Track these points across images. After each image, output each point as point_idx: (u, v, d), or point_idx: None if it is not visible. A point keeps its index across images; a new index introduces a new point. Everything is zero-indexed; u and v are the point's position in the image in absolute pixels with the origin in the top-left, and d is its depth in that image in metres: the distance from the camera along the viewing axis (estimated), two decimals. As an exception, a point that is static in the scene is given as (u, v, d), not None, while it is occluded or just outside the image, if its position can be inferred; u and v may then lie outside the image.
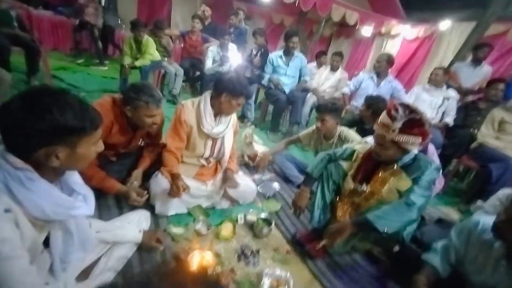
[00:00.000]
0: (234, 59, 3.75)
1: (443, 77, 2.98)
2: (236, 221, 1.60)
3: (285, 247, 1.52)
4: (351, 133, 2.03)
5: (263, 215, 1.63)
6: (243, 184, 1.76)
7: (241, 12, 4.76)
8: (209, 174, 1.73)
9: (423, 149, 1.88)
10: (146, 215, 1.36)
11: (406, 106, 1.20)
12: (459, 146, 2.74)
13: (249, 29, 4.86)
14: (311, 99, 3.64)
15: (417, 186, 1.23)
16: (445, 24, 4.88)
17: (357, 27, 5.54)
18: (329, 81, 3.83)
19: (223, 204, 1.74)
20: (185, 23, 5.27)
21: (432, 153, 1.97)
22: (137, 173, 1.54)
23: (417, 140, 1.18)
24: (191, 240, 1.39)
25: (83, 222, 0.86)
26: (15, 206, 0.64)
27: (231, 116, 1.68)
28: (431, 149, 1.98)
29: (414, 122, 1.17)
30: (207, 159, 1.72)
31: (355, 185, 1.39)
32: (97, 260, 1.07)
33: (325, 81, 3.86)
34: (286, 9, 6.07)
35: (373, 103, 2.21)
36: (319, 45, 6.88)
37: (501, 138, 2.41)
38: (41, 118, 0.62)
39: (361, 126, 2.46)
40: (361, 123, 2.45)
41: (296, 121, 3.42)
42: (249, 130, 2.57)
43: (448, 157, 2.77)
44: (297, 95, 3.41)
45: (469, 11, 4.59)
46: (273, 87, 3.41)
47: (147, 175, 1.58)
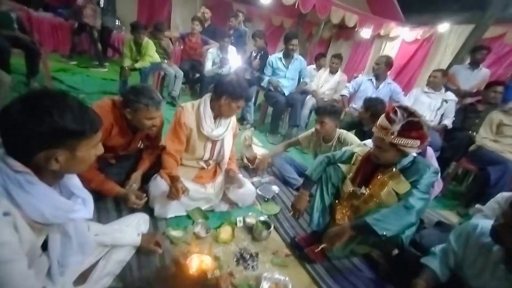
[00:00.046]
0: (233, 61, 3.76)
1: (441, 79, 2.99)
2: (235, 224, 1.60)
3: (284, 251, 1.52)
4: (350, 136, 2.03)
5: (262, 218, 1.63)
6: (242, 186, 1.76)
7: (241, 14, 4.78)
8: (208, 177, 1.73)
9: (421, 152, 1.89)
10: (145, 218, 1.36)
11: (404, 109, 1.21)
12: (458, 148, 2.74)
13: (248, 31, 4.87)
14: (310, 101, 3.65)
15: (415, 189, 1.23)
16: (443, 26, 4.91)
17: (356, 29, 5.56)
18: (328, 83, 3.85)
19: (222, 206, 1.74)
20: (185, 25, 5.28)
21: (430, 155, 1.97)
22: (136, 176, 1.54)
23: (415, 143, 1.18)
24: (190, 243, 1.39)
25: (81, 225, 0.86)
26: (14, 209, 0.63)
27: (231, 118, 1.69)
28: (430, 152, 1.98)
29: (412, 125, 1.17)
30: (206, 161, 1.72)
31: (354, 188, 1.39)
32: (95, 263, 1.07)
33: (324, 83, 3.87)
34: (285, 11, 6.09)
35: (372, 106, 2.22)
36: (318, 47, 6.90)
37: (500, 140, 2.41)
38: (41, 121, 0.62)
39: (360, 128, 2.47)
40: (360, 125, 2.46)
41: (295, 123, 3.43)
42: (248, 132, 2.57)
43: (447, 160, 2.77)
44: (296, 97, 3.41)
45: (467, 13, 4.61)
46: (272, 89, 3.41)
47: (146, 178, 1.58)
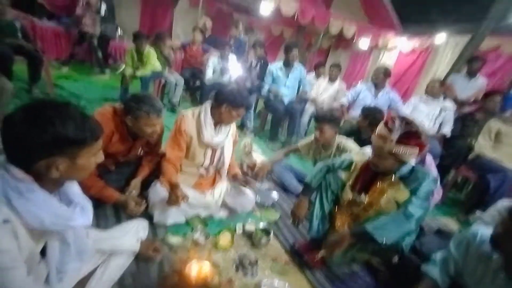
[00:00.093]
0: (234, 69, 3.81)
1: (439, 88, 3.03)
2: (234, 230, 1.60)
3: (283, 257, 1.51)
4: (350, 143, 2.05)
5: (261, 225, 1.62)
6: (241, 193, 1.76)
7: (241, 23, 4.88)
8: (208, 184, 1.73)
9: (421, 159, 1.90)
10: (144, 224, 1.36)
11: (402, 118, 1.23)
12: (457, 156, 2.75)
13: (248, 40, 4.96)
14: (310, 109, 3.69)
15: (415, 197, 1.23)
16: (440, 37, 5.00)
17: (355, 40, 5.67)
18: (327, 92, 3.89)
19: (222, 213, 1.74)
20: (186, 35, 5.36)
21: (430, 163, 1.98)
22: (136, 182, 1.54)
23: (414, 151, 1.20)
24: (189, 250, 1.38)
25: (80, 232, 0.86)
26: (13, 216, 0.64)
27: (231, 125, 1.70)
28: (429, 159, 1.99)
29: (410, 133, 1.19)
30: (206, 168, 1.73)
31: (354, 196, 1.40)
32: (94, 270, 1.06)
33: (324, 91, 3.91)
34: (285, 21, 6.22)
35: (370, 114, 2.24)
36: (317, 56, 7.00)
37: (498, 149, 2.43)
38: (43, 130, 0.63)
39: (358, 136, 2.48)
40: (358, 133, 2.47)
41: (294, 132, 3.45)
42: (248, 139, 2.59)
43: (446, 168, 2.78)
44: (296, 107, 3.45)
45: (463, 24, 4.71)
46: (272, 97, 3.45)
47: (146, 184, 1.58)
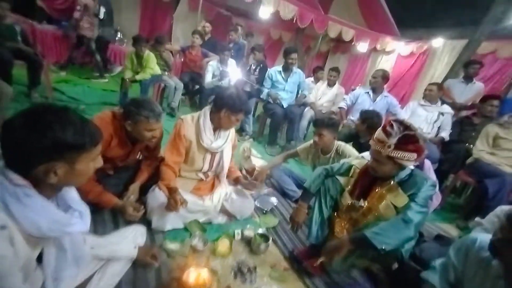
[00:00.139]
0: (233, 74, 3.82)
1: (437, 92, 3.05)
2: (233, 236, 1.58)
3: (282, 264, 1.50)
4: (348, 148, 2.05)
5: (260, 231, 1.61)
6: (240, 198, 1.76)
7: (240, 28, 4.91)
8: (207, 188, 1.73)
9: (419, 164, 1.90)
10: (142, 230, 1.34)
11: (400, 122, 1.23)
12: (455, 161, 2.75)
13: (247, 44, 4.99)
14: (309, 113, 3.70)
15: (413, 202, 1.23)
16: (437, 41, 5.05)
17: (353, 43, 5.72)
18: (326, 96, 3.90)
19: (220, 219, 1.73)
20: (186, 38, 5.39)
21: (428, 168, 1.98)
22: (134, 187, 1.54)
23: (412, 156, 1.20)
24: (187, 256, 1.37)
25: (77, 238, 0.85)
26: (11, 222, 0.63)
27: (230, 130, 1.70)
28: (428, 164, 1.99)
29: (408, 138, 1.19)
30: (205, 173, 1.73)
31: (353, 201, 1.39)
32: (90, 277, 1.05)
33: (322, 95, 3.93)
34: (284, 25, 6.26)
35: (368, 118, 2.25)
36: (316, 60, 7.05)
37: (496, 153, 2.43)
38: (43, 136, 0.63)
39: (357, 140, 2.49)
40: (357, 137, 2.48)
41: (293, 136, 3.45)
42: (247, 144, 2.59)
43: (445, 173, 2.78)
44: (295, 111, 3.45)
45: (460, 29, 4.76)
46: (271, 101, 3.46)
47: (145, 189, 1.58)
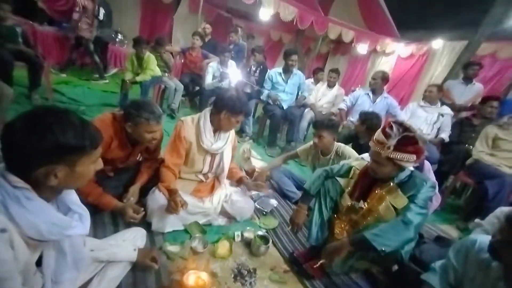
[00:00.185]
0: (233, 75, 3.82)
1: (437, 94, 3.05)
2: (233, 238, 1.58)
3: (282, 266, 1.49)
4: (348, 149, 2.05)
5: (260, 233, 1.61)
6: (240, 200, 1.76)
7: (240, 29, 4.92)
8: (206, 190, 1.73)
9: (419, 165, 1.90)
10: (141, 232, 1.34)
11: (400, 124, 1.23)
12: (455, 162, 2.75)
13: (246, 45, 5.01)
14: (309, 114, 3.70)
15: (413, 204, 1.23)
16: (437, 43, 5.06)
17: (353, 45, 5.73)
18: (326, 97, 3.91)
19: (220, 220, 1.73)
20: (186, 40, 5.40)
21: (428, 169, 1.98)
22: (134, 189, 1.54)
23: (411, 157, 1.20)
24: (187, 258, 1.37)
25: (77, 241, 0.85)
26: (11, 225, 0.63)
27: (230, 131, 1.70)
28: (427, 165, 1.99)
29: (408, 139, 1.19)
30: (205, 174, 1.73)
31: (353, 202, 1.39)
32: (90, 280, 1.05)
33: (322, 97, 3.93)
34: (284, 26, 6.28)
35: (367, 119, 2.25)
36: (316, 61, 7.06)
37: (496, 154, 2.43)
38: (43, 138, 0.63)
39: (356, 141, 2.49)
40: (356, 138, 2.48)
41: (293, 138, 3.45)
42: (247, 145, 2.59)
43: (444, 174, 2.78)
44: (295, 112, 3.45)
45: (460, 31, 4.77)
46: (271, 102, 3.47)
47: (145, 191, 1.58)
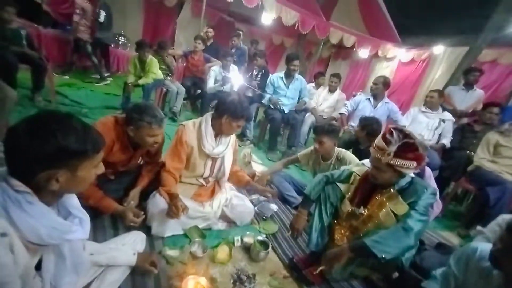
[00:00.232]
0: (235, 79, 3.84)
1: (438, 99, 3.05)
2: (232, 243, 1.58)
3: (282, 272, 1.49)
4: (349, 155, 2.05)
5: (260, 237, 1.61)
6: (240, 204, 1.75)
7: (241, 33, 4.98)
8: (207, 195, 1.72)
9: (419, 172, 1.89)
10: (141, 236, 1.34)
11: (400, 130, 1.23)
12: (457, 168, 2.74)
13: (249, 49, 5.05)
14: (310, 118, 3.71)
15: (414, 211, 1.22)
16: (438, 48, 5.07)
17: (355, 50, 5.76)
18: (327, 102, 3.92)
19: (220, 225, 1.72)
20: (188, 44, 5.44)
21: (429, 176, 1.97)
22: (135, 193, 1.54)
23: (412, 164, 1.19)
24: (186, 263, 1.36)
25: (77, 245, 0.85)
26: (11, 229, 0.63)
27: (231, 136, 1.71)
28: (428, 172, 1.99)
29: (408, 146, 1.19)
30: (206, 178, 1.73)
31: (353, 208, 1.39)
32: (89, 284, 1.05)
33: (324, 101, 3.94)
34: (286, 31, 6.32)
35: (368, 124, 2.25)
36: (317, 66, 7.08)
37: (497, 161, 2.42)
38: (46, 142, 0.64)
39: (357, 146, 2.49)
40: (357, 143, 2.48)
41: (294, 143, 3.46)
42: (247, 149, 2.59)
43: (446, 180, 2.77)
44: (296, 117, 3.46)
45: (461, 37, 4.79)
46: (272, 106, 3.48)
47: (145, 195, 1.58)
